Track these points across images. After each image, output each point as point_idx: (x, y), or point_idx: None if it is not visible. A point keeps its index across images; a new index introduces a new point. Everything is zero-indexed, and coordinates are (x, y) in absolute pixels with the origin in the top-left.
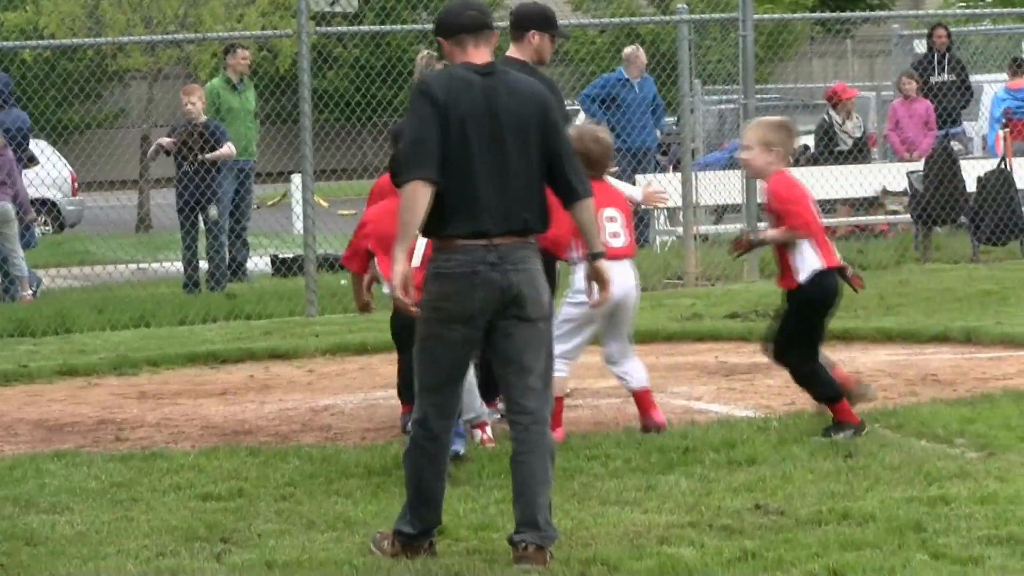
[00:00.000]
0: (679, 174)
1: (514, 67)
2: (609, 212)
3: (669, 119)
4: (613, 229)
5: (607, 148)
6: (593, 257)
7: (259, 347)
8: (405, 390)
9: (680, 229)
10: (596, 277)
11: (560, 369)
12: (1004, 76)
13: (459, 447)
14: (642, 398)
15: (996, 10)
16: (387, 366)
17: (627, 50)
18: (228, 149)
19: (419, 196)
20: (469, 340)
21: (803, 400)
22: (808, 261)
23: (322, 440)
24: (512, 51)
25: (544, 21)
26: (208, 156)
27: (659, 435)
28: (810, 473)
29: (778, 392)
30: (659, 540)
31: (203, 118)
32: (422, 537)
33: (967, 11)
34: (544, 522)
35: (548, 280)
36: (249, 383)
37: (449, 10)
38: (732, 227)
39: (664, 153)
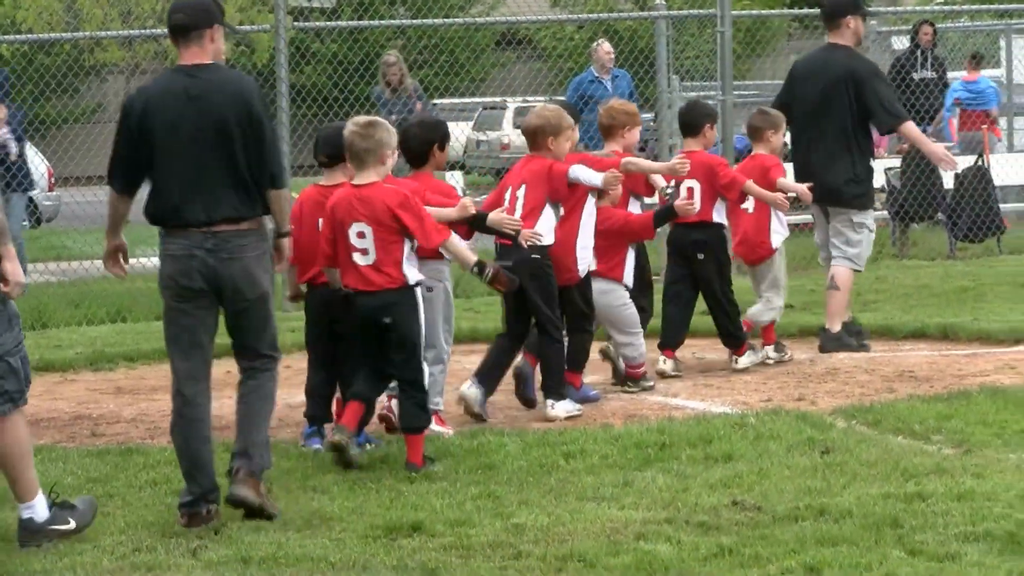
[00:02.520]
0: None
1: (837, 52)
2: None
3: (647, 115)
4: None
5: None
6: (278, 235)
7: None
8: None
9: None
10: (277, 250)
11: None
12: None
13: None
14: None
15: (974, 7)
16: None
17: (592, 47)
18: None
19: (115, 203)
20: (200, 315)
21: (780, 397)
22: None
23: (299, 436)
24: (832, 38)
25: (855, 6)
26: None
27: (636, 431)
28: (787, 469)
29: (755, 388)
30: (636, 536)
31: None
32: (200, 503)
33: (945, 8)
34: (257, 455)
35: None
36: (226, 378)
37: (168, 11)
38: None
39: (642, 149)
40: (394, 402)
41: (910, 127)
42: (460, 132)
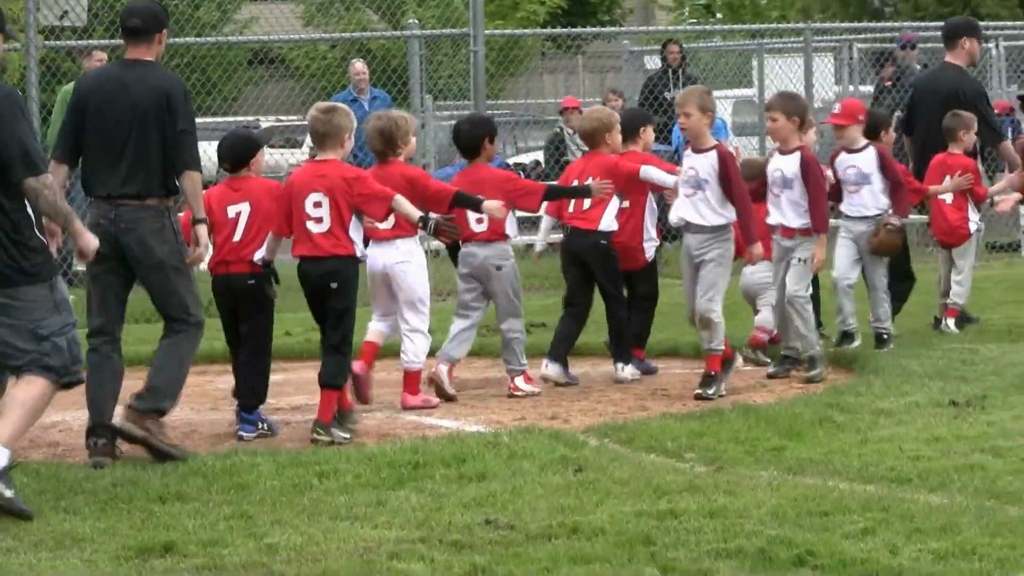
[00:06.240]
0: None
1: (949, 71)
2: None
3: None
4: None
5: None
6: (194, 222)
7: None
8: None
9: None
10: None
11: None
12: (734, 92)
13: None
14: (406, 378)
15: (726, 27)
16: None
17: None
18: None
19: (55, 171)
20: (109, 278)
21: (534, 415)
22: None
23: (50, 457)
24: (948, 57)
25: (972, 28)
26: None
27: (390, 451)
28: (540, 487)
29: (509, 407)
30: (389, 555)
31: None
32: (91, 434)
33: (697, 27)
34: (150, 396)
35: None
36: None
37: (120, 13)
38: None
39: None
40: (442, 367)
41: (1005, 146)
42: (213, 152)
